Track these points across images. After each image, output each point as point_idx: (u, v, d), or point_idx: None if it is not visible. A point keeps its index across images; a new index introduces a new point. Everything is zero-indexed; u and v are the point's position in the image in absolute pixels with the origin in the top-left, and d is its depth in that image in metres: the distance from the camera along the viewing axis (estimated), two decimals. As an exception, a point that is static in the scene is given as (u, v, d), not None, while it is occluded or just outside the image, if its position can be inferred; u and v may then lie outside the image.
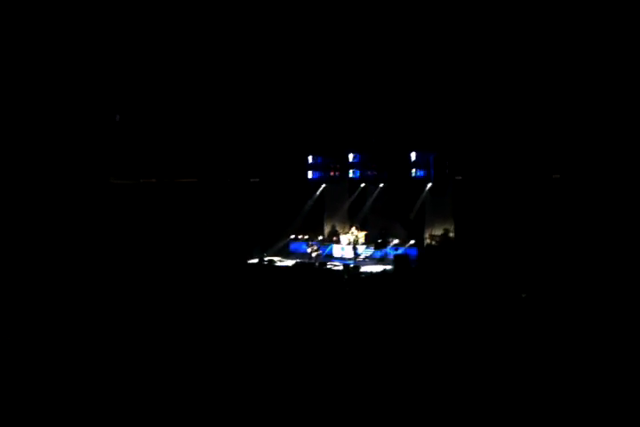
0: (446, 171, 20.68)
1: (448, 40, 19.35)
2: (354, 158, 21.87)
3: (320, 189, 22.54)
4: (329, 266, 19.44)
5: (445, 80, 19.92)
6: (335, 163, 22.12)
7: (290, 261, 20.14)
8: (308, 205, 22.42)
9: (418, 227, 20.69)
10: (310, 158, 22.38)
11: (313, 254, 20.39)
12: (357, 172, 21.82)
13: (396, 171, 21.50)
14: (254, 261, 20.23)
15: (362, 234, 21.12)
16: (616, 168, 17.93)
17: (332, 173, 22.22)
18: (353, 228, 21.33)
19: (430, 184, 20.56)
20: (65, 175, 19.56)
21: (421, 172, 20.80)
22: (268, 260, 20.29)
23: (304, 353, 9.72)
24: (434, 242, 20.39)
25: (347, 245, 21.04)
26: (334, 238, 21.86)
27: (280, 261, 20.50)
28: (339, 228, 22.35)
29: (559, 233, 17.36)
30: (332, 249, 21.30)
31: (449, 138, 20.40)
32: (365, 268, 18.94)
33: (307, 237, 21.72)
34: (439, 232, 20.39)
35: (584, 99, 18.30)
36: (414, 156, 20.78)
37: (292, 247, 21.85)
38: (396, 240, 20.45)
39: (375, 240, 20.79)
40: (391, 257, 19.49)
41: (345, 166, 21.92)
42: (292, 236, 22.01)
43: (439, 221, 20.50)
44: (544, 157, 19.29)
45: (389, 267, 18.87)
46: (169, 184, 21.88)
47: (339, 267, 19.07)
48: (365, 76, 20.56)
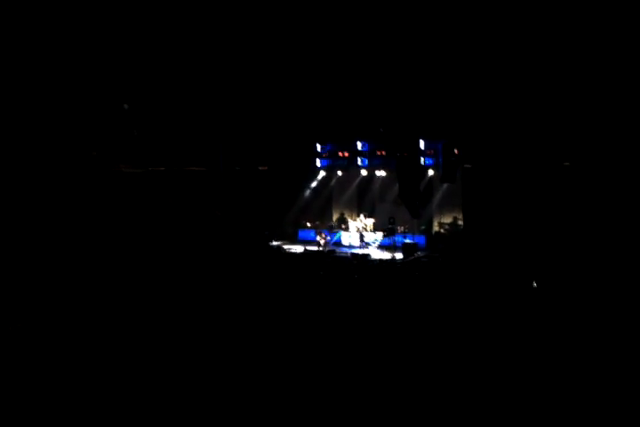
0: (455, 159, 20.61)
1: (458, 27, 19.20)
2: (362, 146, 21.82)
3: (322, 177, 22.50)
4: (337, 253, 19.49)
5: (455, 67, 19.79)
6: (343, 151, 22.07)
7: (299, 248, 20.19)
8: (307, 192, 22.42)
9: (426, 215, 20.68)
10: (319, 146, 22.37)
11: (321, 242, 20.42)
12: (365, 160, 21.77)
13: (404, 159, 21.43)
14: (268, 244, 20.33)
15: (370, 221, 21.12)
16: (627, 156, 17.82)
17: (341, 160, 22.18)
18: (361, 215, 21.34)
19: (432, 171, 20.47)
20: (74, 163, 19.65)
21: (430, 159, 20.73)
22: (276, 245, 20.37)
23: (311, 340, 9.75)
24: (442, 230, 20.37)
25: (355, 233, 21.06)
26: (343, 226, 21.88)
27: (288, 247, 20.55)
28: (347, 215, 22.37)
29: (569, 221, 17.29)
30: (340, 237, 21.33)
31: (458, 125, 20.30)
32: (374, 255, 18.96)
33: (317, 223, 21.77)
34: (448, 220, 20.36)
35: (597, 85, 18.15)
36: (423, 143, 20.72)
37: (301, 235, 21.90)
38: (405, 228, 20.44)
39: (384, 228, 20.78)
40: (400, 245, 19.48)
41: (353, 154, 21.88)
42: (302, 223, 22.09)
43: (448, 209, 20.46)
44: (554, 144, 19.19)
45: (398, 254, 18.86)
46: (177, 173, 21.94)
47: (347, 255, 19.10)
48: (374, 63, 20.45)
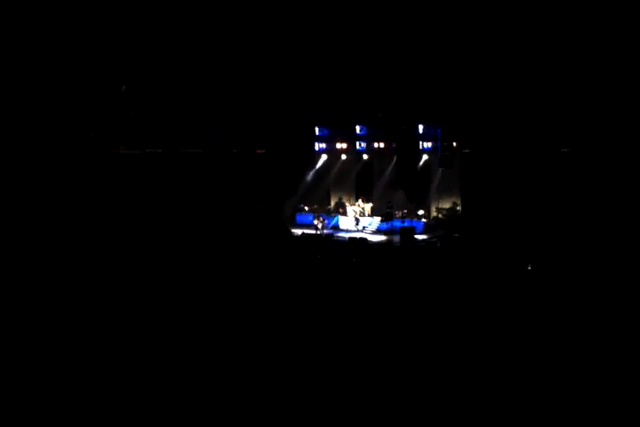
0: (453, 143, 20.62)
1: (456, 13, 19.12)
2: (361, 131, 21.77)
3: (321, 161, 22.45)
4: (335, 238, 19.53)
5: (453, 53, 19.72)
6: (342, 135, 22.03)
7: (297, 231, 20.22)
8: (310, 176, 22.37)
9: (424, 200, 20.73)
10: (317, 130, 22.30)
11: (319, 226, 20.46)
12: (364, 144, 21.73)
13: (403, 143, 21.41)
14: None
15: (368, 206, 21.15)
16: (624, 143, 17.89)
17: (339, 145, 22.14)
18: (359, 200, 21.37)
19: (426, 156, 20.46)
20: (72, 144, 19.54)
21: (429, 144, 20.73)
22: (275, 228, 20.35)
23: (308, 326, 9.76)
24: (440, 215, 20.44)
25: (353, 217, 21.10)
26: (341, 210, 21.91)
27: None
28: (345, 200, 22.38)
29: (566, 207, 17.39)
30: (338, 221, 21.37)
31: (457, 111, 20.28)
32: (372, 240, 19.03)
33: (315, 207, 21.80)
34: (446, 205, 20.42)
35: (595, 72, 18.15)
36: (422, 128, 20.70)
37: (299, 219, 21.91)
38: (403, 213, 20.50)
39: (382, 212, 20.83)
40: (398, 229, 19.53)
41: (352, 138, 21.83)
42: (300, 207, 22.11)
43: (446, 194, 20.51)
44: (552, 130, 19.22)
45: (395, 239, 18.92)
46: (175, 154, 21.85)
47: (344, 239, 19.15)
48: (373, 48, 20.36)
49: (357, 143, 21.69)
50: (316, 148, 22.25)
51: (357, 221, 20.83)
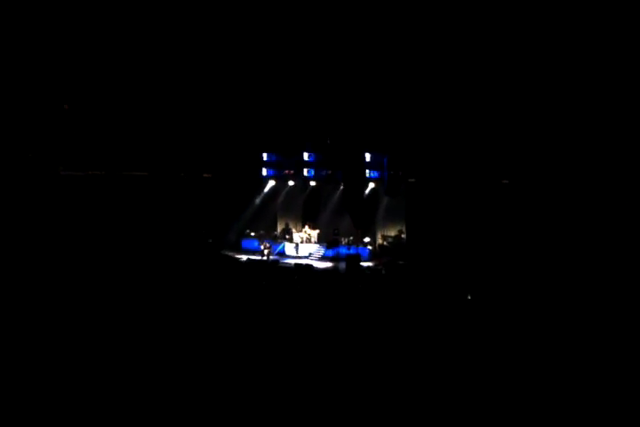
0: (399, 173, 20.97)
1: (403, 44, 19.65)
2: (309, 157, 21.88)
3: (268, 186, 22.37)
4: (280, 264, 19.38)
5: (401, 83, 20.20)
6: (290, 161, 22.07)
7: (242, 257, 19.99)
8: (257, 201, 22.24)
9: (370, 227, 20.89)
10: (265, 156, 22.29)
11: (265, 251, 20.27)
12: (312, 171, 21.84)
13: (350, 171, 21.65)
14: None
15: (315, 232, 21.14)
16: (563, 174, 18.57)
17: (287, 171, 22.17)
18: (306, 226, 21.35)
19: (372, 185, 20.74)
20: (13, 165, 18.88)
21: (375, 173, 21.00)
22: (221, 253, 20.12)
23: (251, 349, 9.68)
24: (386, 242, 20.61)
25: (299, 244, 21.02)
26: (287, 236, 21.82)
27: (232, 256, 20.31)
28: (292, 226, 22.31)
29: (506, 236, 17.84)
30: (284, 247, 21.24)
31: (403, 140, 20.68)
32: (317, 266, 18.98)
33: (261, 233, 21.64)
34: (391, 233, 20.62)
35: (533, 105, 18.87)
36: (369, 157, 20.98)
37: (244, 244, 21.67)
38: (348, 239, 20.58)
39: (328, 239, 20.85)
40: (343, 256, 19.56)
41: (300, 165, 21.90)
42: (246, 232, 21.90)
43: (391, 221, 20.73)
44: (494, 162, 19.81)
45: (341, 266, 18.92)
46: (118, 177, 21.36)
47: (290, 265, 19.03)
48: (323, 76, 20.65)
49: (305, 170, 21.78)
50: (264, 173, 22.21)
51: (297, 246, 20.82)
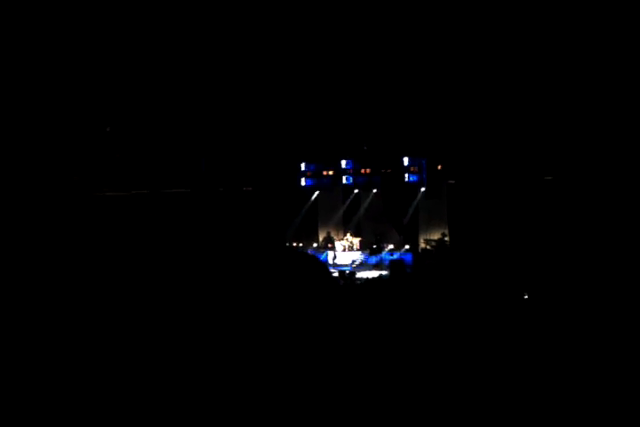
0: (439, 175, 20.70)
1: (437, 46, 19.46)
2: (346, 165, 21.84)
3: (314, 197, 22.41)
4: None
5: (436, 85, 20.00)
6: (328, 169, 22.07)
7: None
8: (302, 213, 22.29)
9: (412, 232, 20.65)
10: (303, 166, 22.35)
11: (308, 262, 20.29)
12: (350, 178, 21.78)
13: (388, 176, 21.51)
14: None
15: (356, 240, 21.06)
16: (606, 169, 18.00)
17: (325, 179, 22.17)
18: (347, 234, 21.29)
19: (423, 189, 20.52)
20: (57, 188, 19.50)
21: (414, 176, 20.79)
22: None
23: (302, 358, 9.62)
24: (429, 246, 20.33)
25: (342, 252, 20.97)
26: (329, 245, 21.79)
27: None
28: (333, 234, 22.26)
29: (553, 233, 17.35)
30: (327, 256, 21.21)
31: (440, 142, 20.43)
32: (361, 274, 18.87)
33: (302, 244, 21.67)
34: (434, 236, 20.33)
35: (574, 102, 18.40)
36: (406, 161, 20.79)
37: (287, 255, 21.75)
38: (391, 245, 20.41)
39: (370, 246, 20.72)
40: (387, 262, 19.42)
41: (338, 173, 21.89)
42: (288, 244, 21.96)
43: (434, 225, 20.44)
44: (535, 159, 19.35)
45: (385, 272, 18.79)
46: (161, 195, 21.79)
47: (334, 273, 18.97)
48: (357, 83, 20.63)
49: (344, 177, 21.74)
50: (303, 183, 22.26)
51: (334, 257, 20.76)
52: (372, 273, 19.02)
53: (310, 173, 22.34)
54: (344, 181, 21.78)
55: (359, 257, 20.57)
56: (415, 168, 20.76)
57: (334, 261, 20.81)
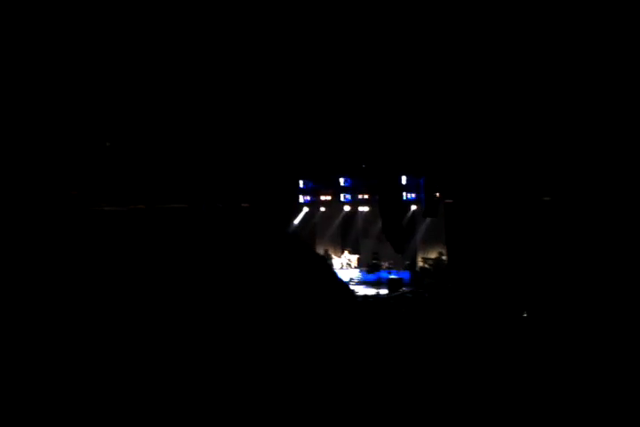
0: (437, 194, 20.80)
1: (429, 61, 19.63)
2: (345, 182, 21.94)
3: (303, 213, 22.44)
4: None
5: (432, 104, 20.15)
6: (326, 187, 22.16)
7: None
8: (293, 227, 22.28)
9: (410, 250, 20.69)
10: (301, 183, 22.42)
11: (306, 279, 20.23)
12: (348, 195, 21.86)
13: (386, 195, 21.57)
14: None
15: (354, 257, 21.06)
16: (606, 189, 18.13)
17: (323, 197, 22.25)
18: (345, 251, 21.29)
19: (414, 207, 20.60)
20: (54, 203, 19.39)
21: (412, 195, 20.90)
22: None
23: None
24: (427, 265, 20.36)
25: (340, 270, 20.93)
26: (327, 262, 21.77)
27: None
28: (331, 251, 22.26)
29: (553, 254, 17.41)
30: (324, 274, 21.17)
31: (438, 161, 20.55)
32: (359, 291, 18.81)
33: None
34: (432, 255, 20.38)
35: (571, 120, 18.56)
36: (405, 179, 20.90)
37: (285, 272, 21.67)
38: (389, 264, 20.42)
39: (367, 264, 20.73)
40: (385, 281, 19.39)
41: (336, 190, 21.97)
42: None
43: (432, 244, 20.51)
44: (534, 179, 19.48)
45: (383, 291, 18.74)
46: (158, 210, 21.73)
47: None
48: (353, 101, 20.75)
49: (342, 195, 21.82)
50: (301, 200, 22.31)
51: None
52: (370, 291, 18.97)
53: (308, 190, 22.46)
54: (342, 199, 21.86)
55: (357, 275, 20.55)
56: (413, 187, 20.90)
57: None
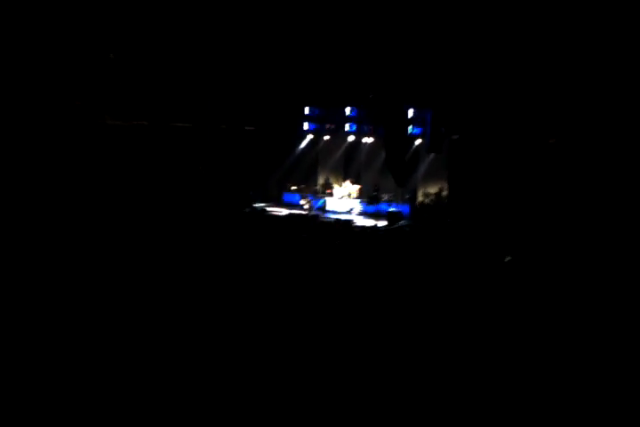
0: (442, 129, 20.62)
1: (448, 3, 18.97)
2: (351, 112, 21.66)
3: (306, 141, 22.32)
4: (321, 218, 19.51)
5: (445, 37, 19.61)
6: (332, 115, 21.90)
7: (283, 211, 20.16)
8: (297, 155, 22.24)
9: (412, 184, 20.78)
10: (307, 110, 22.12)
11: (305, 206, 20.41)
12: (354, 126, 21.65)
13: (392, 127, 21.39)
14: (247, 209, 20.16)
15: (355, 188, 21.15)
16: (613, 135, 18.04)
17: (328, 125, 22.03)
18: (347, 181, 21.35)
19: (420, 140, 20.51)
20: (58, 112, 19.10)
21: (418, 129, 20.72)
22: (260, 208, 20.26)
23: (295, 312, 9.67)
24: (427, 200, 20.52)
25: (340, 199, 21.08)
26: (328, 191, 21.87)
27: (272, 209, 20.48)
28: (333, 181, 22.32)
29: (553, 197, 17.57)
30: (325, 202, 21.33)
31: (448, 96, 20.24)
32: (358, 222, 19.06)
33: (302, 187, 21.73)
34: (433, 190, 20.50)
35: (584, 61, 18.21)
36: (412, 112, 20.65)
37: (286, 198, 21.84)
38: (389, 196, 20.55)
39: (368, 195, 20.85)
40: (384, 213, 19.60)
41: (342, 120, 21.72)
42: (287, 186, 22.01)
43: (433, 179, 20.57)
44: (541, 120, 19.31)
45: (382, 223, 18.99)
46: (162, 128, 21.49)
47: (330, 220, 19.14)
48: (365, 29, 20.13)
49: (347, 125, 21.60)
50: (305, 127, 22.10)
51: (325, 202, 21.01)
52: (369, 222, 19.22)
53: (313, 117, 22.18)
54: (347, 129, 21.66)
55: (357, 205, 20.72)
56: (419, 121, 20.67)
57: (335, 206, 20.97)
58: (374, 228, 18.67)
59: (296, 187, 21.91)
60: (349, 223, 18.52)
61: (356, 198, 20.98)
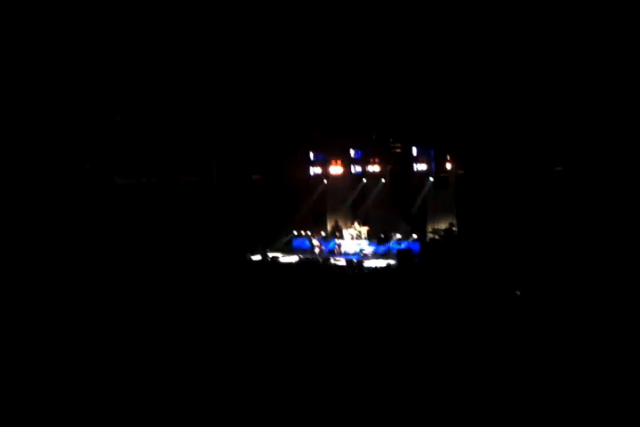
0: (447, 165, 20.73)
1: (446, 36, 19.38)
2: (355, 154, 21.88)
3: (322, 186, 22.52)
4: (332, 262, 19.44)
5: (445, 75, 19.94)
6: (337, 159, 22.13)
7: (293, 258, 20.14)
8: (305, 201, 22.37)
9: (420, 221, 20.71)
10: (312, 155, 22.39)
11: (316, 250, 20.40)
12: (359, 168, 21.83)
13: (397, 166, 21.57)
14: (257, 257, 20.19)
15: (364, 229, 21.14)
16: (616, 161, 17.94)
17: (334, 169, 22.24)
18: (356, 223, 21.37)
19: (432, 178, 20.56)
20: (68, 175, 19.63)
21: (422, 166, 20.81)
22: (271, 256, 20.27)
23: (306, 351, 9.66)
24: (437, 236, 20.38)
25: (350, 241, 21.05)
26: (337, 234, 21.87)
27: (283, 257, 20.49)
28: (342, 223, 22.35)
29: (562, 226, 17.33)
30: (335, 244, 21.31)
31: (449, 132, 20.42)
32: (369, 263, 18.95)
33: (310, 232, 21.76)
34: (442, 226, 20.38)
35: (584, 92, 18.32)
36: (415, 150, 20.80)
37: (295, 244, 21.86)
38: (399, 235, 20.47)
39: (378, 235, 20.79)
40: (394, 252, 19.49)
41: (347, 162, 21.94)
42: (295, 232, 22.05)
43: (442, 215, 20.49)
44: (545, 149, 19.32)
45: (393, 262, 18.84)
46: (170, 183, 21.91)
47: (342, 262, 19.06)
48: (365, 73, 20.60)
49: (352, 167, 21.80)
50: (311, 173, 22.31)
51: (339, 246, 20.88)
52: (380, 262, 19.09)
53: (319, 162, 22.42)
54: (352, 171, 21.84)
55: (367, 246, 20.66)
56: (424, 159, 20.77)
57: (342, 249, 20.93)
58: (386, 268, 18.55)
59: (305, 231, 21.95)
60: (361, 264, 18.42)
61: (366, 239, 20.93)
